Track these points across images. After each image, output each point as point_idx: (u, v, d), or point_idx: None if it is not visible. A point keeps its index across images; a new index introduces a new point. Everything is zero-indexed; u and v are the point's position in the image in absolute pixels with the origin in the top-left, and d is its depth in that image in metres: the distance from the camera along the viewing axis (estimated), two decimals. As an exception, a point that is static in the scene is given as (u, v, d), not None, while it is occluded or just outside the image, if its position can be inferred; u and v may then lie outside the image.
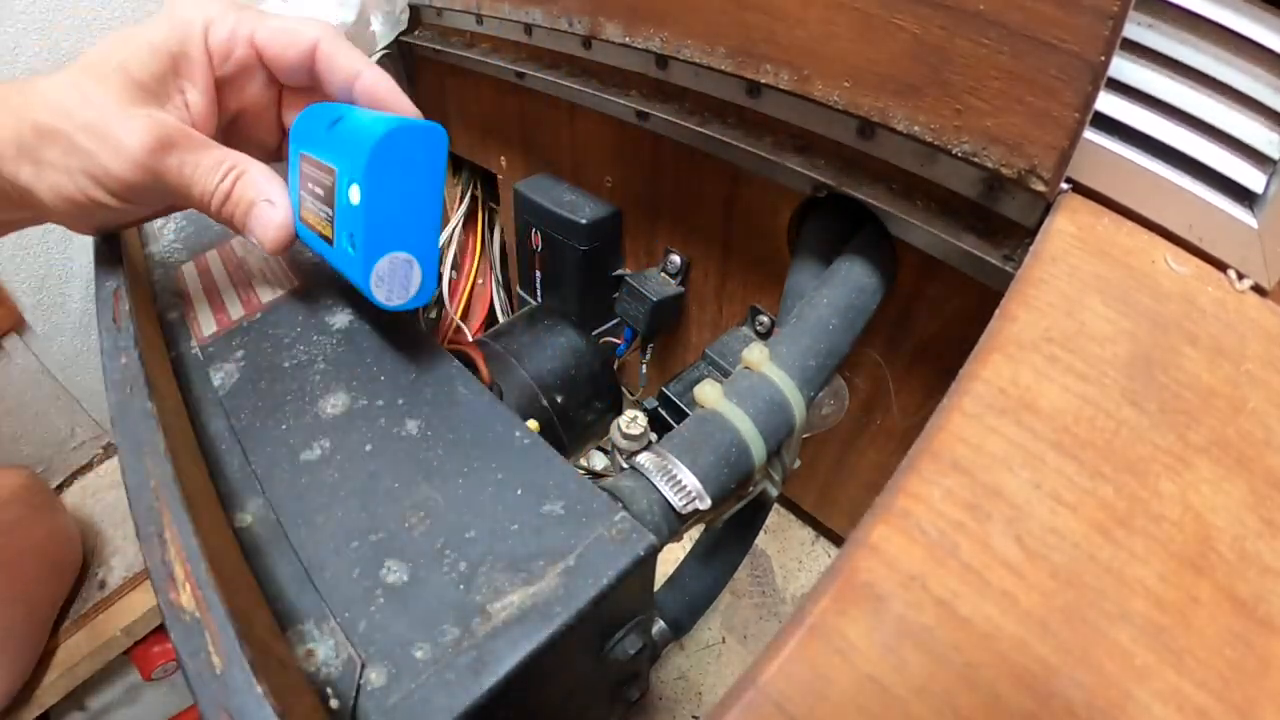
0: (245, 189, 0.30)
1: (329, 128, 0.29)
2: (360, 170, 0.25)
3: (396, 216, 0.27)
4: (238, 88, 0.32)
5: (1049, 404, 0.22)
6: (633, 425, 0.37)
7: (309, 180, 0.30)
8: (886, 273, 0.37)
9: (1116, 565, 0.18)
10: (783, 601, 0.60)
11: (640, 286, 0.54)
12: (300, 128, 0.32)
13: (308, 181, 0.30)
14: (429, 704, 0.19)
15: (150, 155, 0.27)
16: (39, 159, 0.27)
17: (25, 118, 0.27)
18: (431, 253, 0.29)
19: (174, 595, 0.19)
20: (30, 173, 0.27)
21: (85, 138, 0.27)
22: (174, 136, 0.28)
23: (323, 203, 0.29)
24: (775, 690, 0.16)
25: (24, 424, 0.77)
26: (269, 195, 0.30)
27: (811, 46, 0.33)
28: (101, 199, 0.28)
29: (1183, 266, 0.28)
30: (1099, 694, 0.16)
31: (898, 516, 0.19)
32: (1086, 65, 0.25)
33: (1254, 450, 0.21)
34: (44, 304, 0.73)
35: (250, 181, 0.30)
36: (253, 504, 0.25)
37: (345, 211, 0.27)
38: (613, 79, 0.48)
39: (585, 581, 0.22)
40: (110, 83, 0.27)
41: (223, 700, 0.16)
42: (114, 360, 0.28)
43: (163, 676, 0.70)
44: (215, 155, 0.29)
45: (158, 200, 0.30)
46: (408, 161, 0.26)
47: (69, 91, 0.27)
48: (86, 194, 0.27)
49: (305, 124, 0.31)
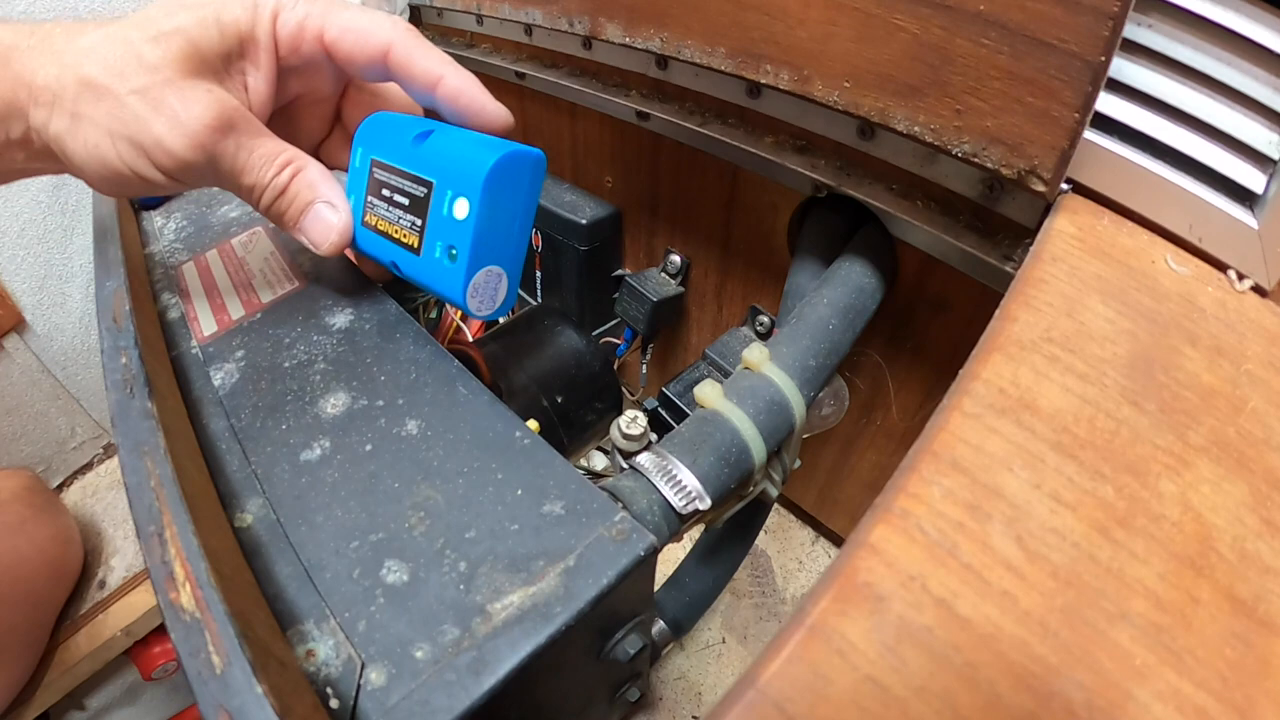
0: (302, 187, 0.29)
1: (418, 140, 0.29)
2: (475, 189, 0.26)
3: (497, 233, 0.28)
4: (300, 79, 0.31)
5: (1049, 404, 0.22)
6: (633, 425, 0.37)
7: (384, 187, 0.30)
8: (886, 273, 0.37)
9: (1116, 565, 0.18)
10: (783, 601, 0.60)
11: (640, 286, 0.54)
12: (371, 135, 0.31)
13: (382, 188, 0.30)
14: (429, 704, 0.19)
15: (209, 134, 0.26)
16: (79, 113, 0.25)
17: (70, 67, 0.25)
18: (518, 267, 0.30)
19: (174, 595, 0.19)
20: (65, 125, 0.25)
21: (139, 103, 0.25)
22: (235, 118, 0.27)
23: (407, 212, 0.29)
24: (775, 690, 0.16)
25: (24, 424, 0.78)
26: (329, 197, 0.29)
27: (811, 46, 0.33)
28: (142, 170, 0.26)
29: (1183, 267, 0.28)
30: (1099, 694, 0.16)
31: (898, 516, 0.19)
32: (1086, 65, 0.25)
33: (1254, 450, 0.21)
34: (44, 304, 0.73)
35: (308, 180, 0.29)
36: (253, 504, 0.25)
37: (445, 224, 0.28)
38: (613, 79, 0.48)
39: (585, 582, 0.22)
40: (170, 48, 0.25)
41: (223, 700, 0.16)
42: (114, 360, 0.28)
43: (163, 676, 0.70)
44: (272, 146, 0.28)
45: (198, 181, 0.28)
46: (515, 184, 0.27)
47: (122, 49, 0.25)
48: (127, 162, 0.26)
49: (378, 131, 0.31)
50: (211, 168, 0.27)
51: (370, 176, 0.30)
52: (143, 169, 0.26)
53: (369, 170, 0.30)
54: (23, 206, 0.65)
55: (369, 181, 0.30)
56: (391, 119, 0.31)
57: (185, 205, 0.46)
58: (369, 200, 0.30)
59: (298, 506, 0.25)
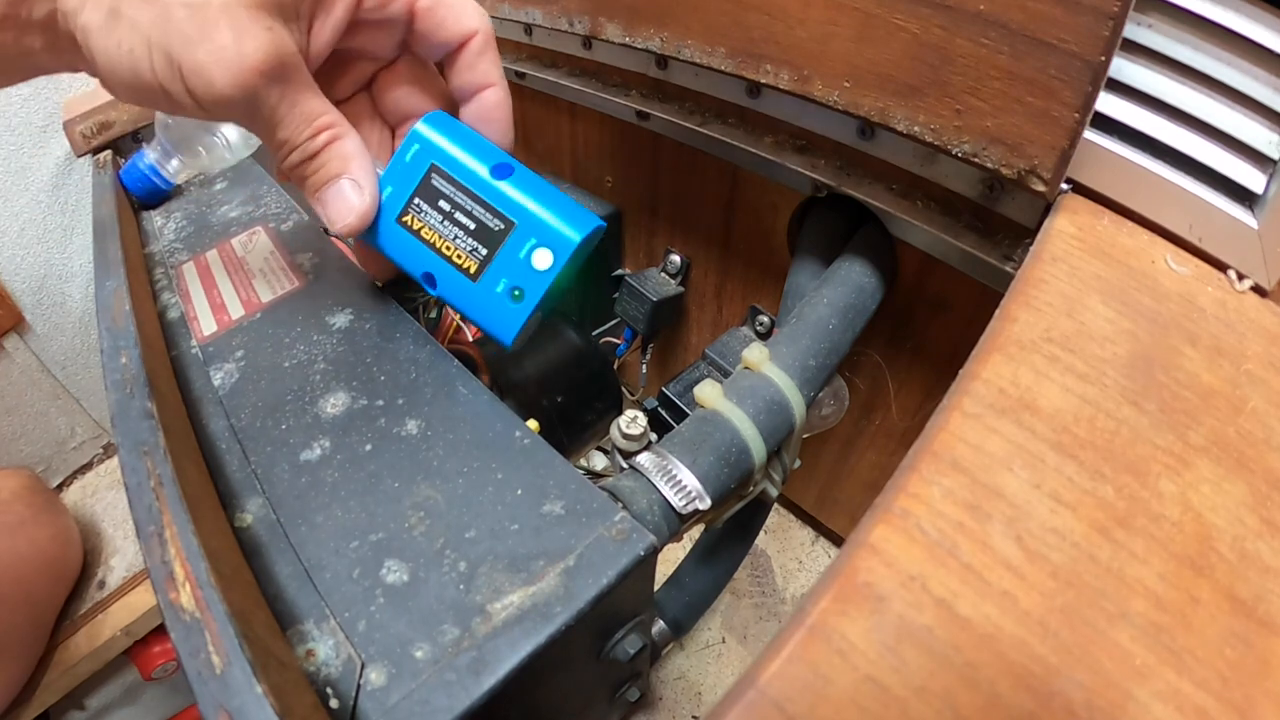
0: (333, 157, 0.27)
1: (497, 172, 0.28)
2: (565, 250, 0.28)
3: (559, 287, 0.29)
4: (364, 36, 0.28)
5: (1049, 404, 0.22)
6: (633, 425, 0.37)
7: (442, 199, 0.29)
8: (886, 273, 0.37)
9: (1116, 565, 0.18)
10: (783, 601, 0.60)
11: (640, 286, 0.54)
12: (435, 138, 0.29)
13: (439, 199, 0.29)
14: (429, 704, 0.19)
15: (256, 77, 0.23)
16: (119, 10, 0.22)
17: None
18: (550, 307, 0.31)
19: (174, 595, 0.19)
20: (99, 20, 0.23)
21: (188, 19, 0.22)
22: (288, 66, 0.24)
23: (470, 236, 0.29)
24: (775, 690, 0.16)
25: (24, 424, 0.77)
26: (356, 175, 0.28)
27: (811, 46, 0.33)
28: (174, 90, 0.23)
29: (1183, 266, 0.28)
30: (1099, 694, 0.16)
31: (898, 516, 0.19)
32: (1086, 65, 0.25)
33: (1254, 450, 0.21)
34: (44, 303, 0.73)
35: (341, 152, 0.27)
36: (253, 504, 0.25)
37: (519, 267, 0.28)
38: (613, 79, 0.48)
39: (585, 581, 0.22)
40: None
41: (223, 700, 0.16)
42: (114, 360, 0.28)
43: (163, 676, 0.69)
44: (315, 105, 0.26)
45: (225, 116, 0.25)
46: (587, 249, 0.30)
47: None
48: (161, 78, 0.23)
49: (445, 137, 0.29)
50: (246, 110, 0.25)
51: (425, 180, 0.29)
52: (175, 90, 0.24)
53: (425, 173, 0.29)
54: (22, 206, 0.65)
55: (421, 183, 0.29)
56: (461, 131, 0.29)
57: (185, 205, 0.46)
58: (414, 201, 0.29)
59: (298, 506, 0.25)
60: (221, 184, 0.48)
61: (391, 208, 0.29)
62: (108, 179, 0.46)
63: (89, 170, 0.50)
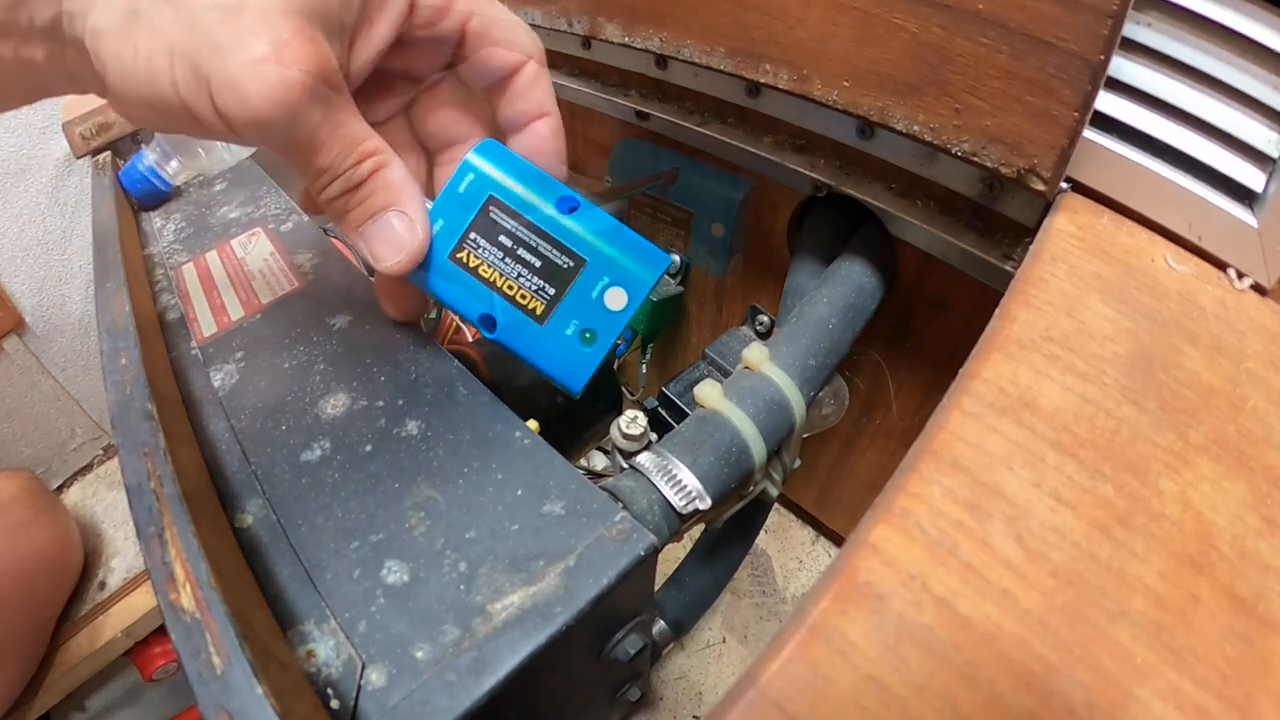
0: (379, 187, 0.24)
1: (562, 206, 0.27)
2: (641, 289, 0.27)
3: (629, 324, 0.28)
4: (409, 56, 0.26)
5: (1049, 403, 0.22)
6: (633, 425, 0.37)
7: (502, 233, 0.27)
8: (886, 272, 0.37)
9: (1116, 564, 0.18)
10: (783, 601, 0.60)
11: (640, 286, 0.54)
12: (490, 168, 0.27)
13: (499, 234, 0.27)
14: (429, 704, 0.19)
15: (298, 95, 0.20)
16: (138, 11, 0.19)
17: None
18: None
19: (174, 595, 0.19)
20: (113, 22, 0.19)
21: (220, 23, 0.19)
22: (332, 85, 0.21)
23: (536, 275, 0.27)
24: (776, 690, 0.16)
25: (24, 425, 0.77)
26: (405, 207, 0.25)
27: (811, 46, 0.33)
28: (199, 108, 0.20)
29: (1182, 265, 0.28)
30: (1099, 692, 0.16)
31: (898, 516, 0.19)
32: (1086, 64, 0.25)
33: (1254, 448, 0.21)
34: (44, 304, 0.73)
35: (388, 181, 0.24)
36: (253, 504, 0.25)
37: (591, 307, 0.27)
38: (612, 79, 0.48)
39: (585, 582, 0.22)
40: None
41: (223, 700, 0.16)
42: (114, 360, 0.28)
43: (163, 677, 0.69)
44: (358, 129, 0.23)
45: (254, 140, 0.22)
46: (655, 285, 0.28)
47: None
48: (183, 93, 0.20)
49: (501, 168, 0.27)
50: (283, 133, 0.21)
51: (482, 213, 0.27)
52: (200, 107, 0.20)
53: (483, 206, 0.27)
54: (22, 207, 0.65)
55: (477, 217, 0.27)
56: (517, 162, 0.27)
57: (185, 206, 0.46)
58: (469, 236, 0.27)
59: (298, 507, 0.25)
60: (221, 185, 0.48)
61: (444, 243, 0.27)
62: (107, 180, 0.46)
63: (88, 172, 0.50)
